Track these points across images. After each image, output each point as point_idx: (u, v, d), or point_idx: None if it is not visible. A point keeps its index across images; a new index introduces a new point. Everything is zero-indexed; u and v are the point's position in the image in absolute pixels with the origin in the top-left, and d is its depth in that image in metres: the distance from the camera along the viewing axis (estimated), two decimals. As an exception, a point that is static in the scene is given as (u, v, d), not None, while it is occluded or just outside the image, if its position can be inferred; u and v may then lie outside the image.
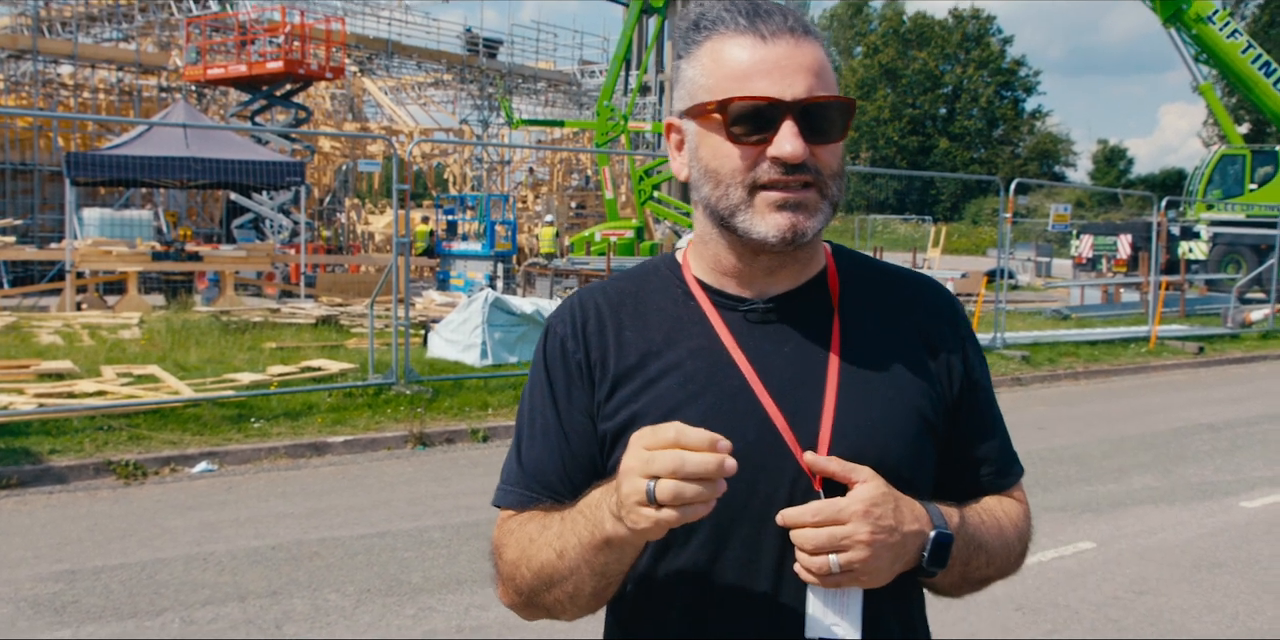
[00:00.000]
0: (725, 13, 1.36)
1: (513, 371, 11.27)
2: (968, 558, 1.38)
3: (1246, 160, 29.96)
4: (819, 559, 1.25)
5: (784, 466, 1.33)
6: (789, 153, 1.29)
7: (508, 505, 1.46)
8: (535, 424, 1.46)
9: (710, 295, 1.44)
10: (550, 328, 1.49)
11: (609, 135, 28.98)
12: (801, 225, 1.32)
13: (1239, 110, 48.45)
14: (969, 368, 1.50)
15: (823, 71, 1.33)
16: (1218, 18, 28.00)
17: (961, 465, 1.50)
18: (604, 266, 21.43)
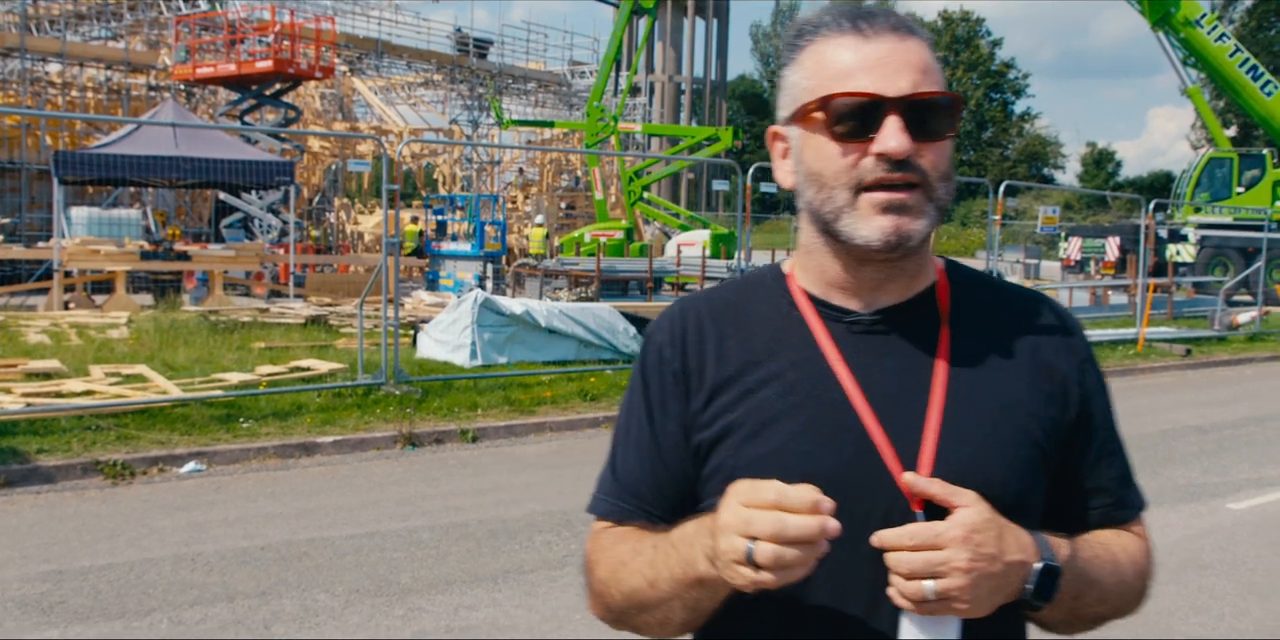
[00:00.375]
0: (828, 16, 1.34)
1: (502, 372, 11.27)
2: (1078, 593, 1.31)
3: (1234, 163, 30.09)
4: (914, 584, 1.19)
5: (882, 486, 1.27)
6: (894, 148, 1.25)
7: (601, 515, 1.44)
8: (630, 434, 1.43)
9: (815, 306, 1.39)
10: (650, 336, 1.46)
11: (599, 136, 29.01)
12: (906, 228, 1.27)
13: (1227, 114, 48.68)
14: (1087, 392, 1.43)
15: (928, 69, 1.30)
16: (1206, 21, 28.12)
17: (1075, 495, 1.43)
18: (594, 267, 21.45)
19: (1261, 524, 7.31)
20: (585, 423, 10.06)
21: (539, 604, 5.37)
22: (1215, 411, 11.80)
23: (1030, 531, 1.26)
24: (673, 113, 57.67)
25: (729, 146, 28.63)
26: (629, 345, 12.47)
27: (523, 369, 11.52)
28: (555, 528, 6.67)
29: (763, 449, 1.31)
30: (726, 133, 28.89)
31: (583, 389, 10.95)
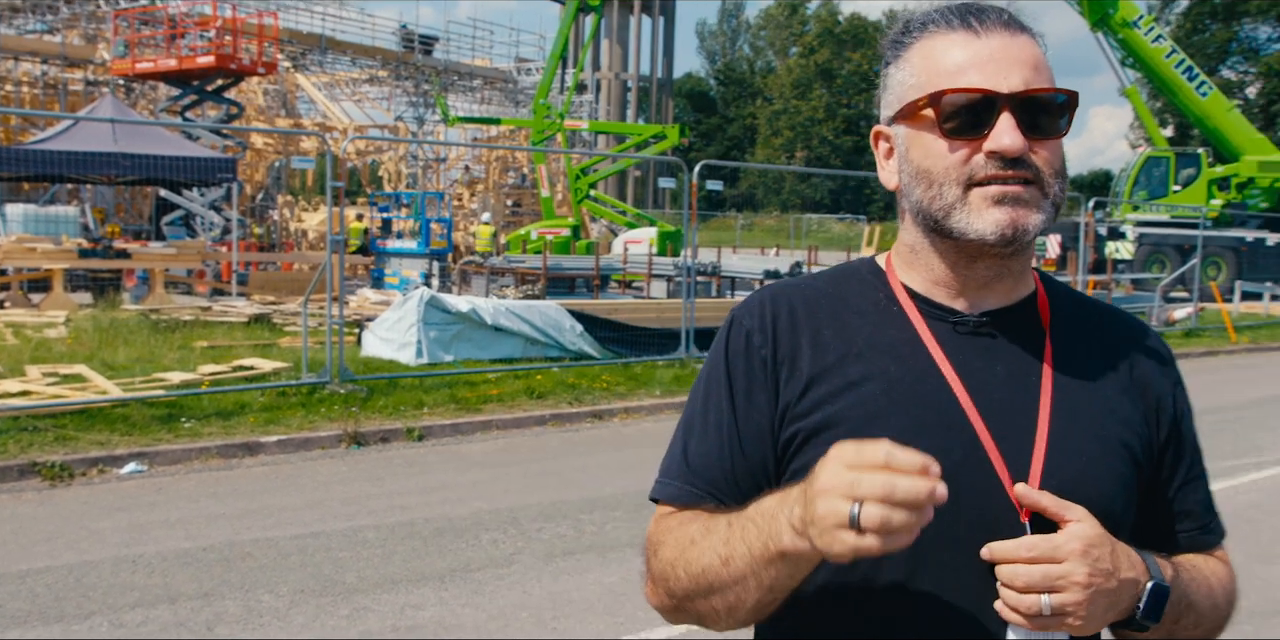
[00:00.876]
0: (936, 13, 1.31)
1: (448, 370, 11.22)
2: (1178, 615, 1.29)
3: (1170, 162, 30.65)
4: (1030, 598, 1.16)
5: (990, 492, 1.24)
6: (1008, 145, 1.23)
7: (667, 499, 1.36)
8: (709, 418, 1.36)
9: (918, 303, 1.36)
10: (736, 319, 1.40)
11: (545, 133, 28.95)
12: (1022, 221, 1.25)
13: (1164, 114, 49.50)
14: (1179, 413, 1.41)
15: (1040, 65, 1.27)
16: (1143, 23, 28.61)
17: (1162, 516, 1.42)
18: (540, 265, 21.40)
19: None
20: (532, 421, 10.04)
21: (486, 602, 5.35)
22: (1153, 406, 11.99)
23: (1138, 550, 1.25)
24: (619, 110, 57.70)
25: (676, 144, 28.70)
26: (576, 343, 12.46)
27: (469, 367, 11.48)
28: (502, 526, 6.66)
29: None
30: (673, 130, 28.94)
31: (529, 387, 10.93)
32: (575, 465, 8.47)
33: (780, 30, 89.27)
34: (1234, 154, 30.04)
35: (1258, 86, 59.07)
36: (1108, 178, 59.13)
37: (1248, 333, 20.32)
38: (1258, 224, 29.46)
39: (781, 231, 56.20)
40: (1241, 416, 11.70)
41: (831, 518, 1.05)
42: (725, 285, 22.91)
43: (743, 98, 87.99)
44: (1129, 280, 26.22)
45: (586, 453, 8.96)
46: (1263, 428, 11.06)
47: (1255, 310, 24.22)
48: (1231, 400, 12.85)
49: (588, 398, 10.87)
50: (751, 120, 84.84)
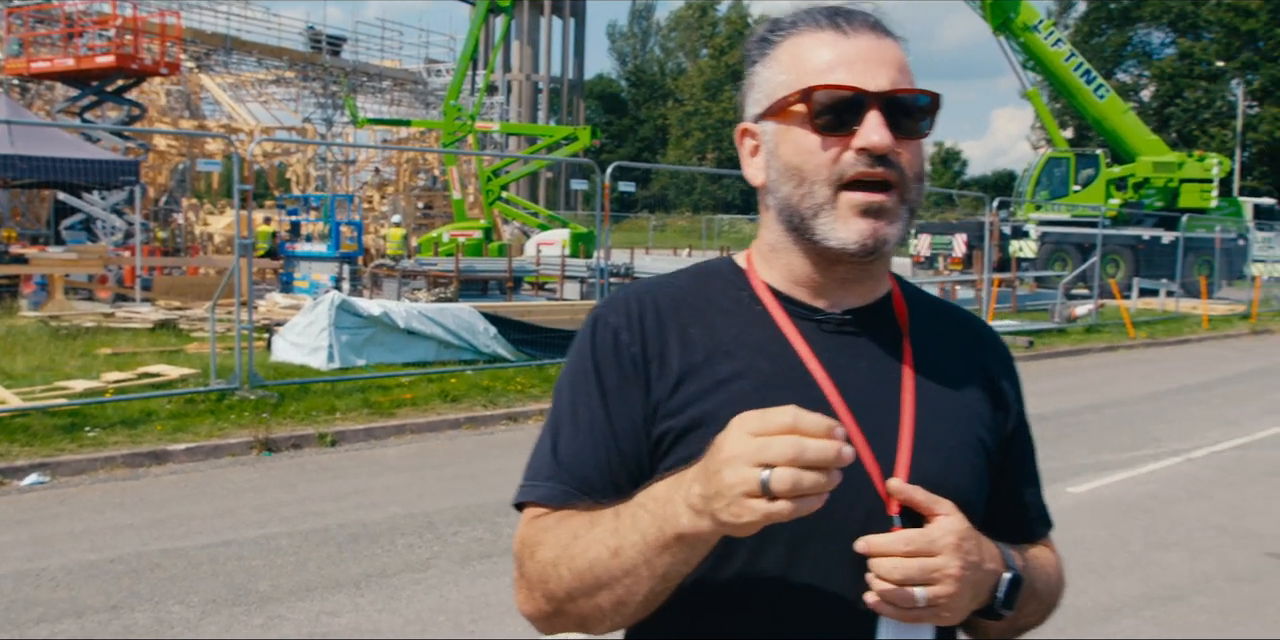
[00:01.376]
0: (804, 13, 1.33)
1: (360, 374, 11.10)
2: (1024, 603, 1.32)
3: (1071, 163, 31.44)
4: (905, 591, 1.17)
5: (860, 488, 1.24)
6: (876, 142, 1.24)
7: (539, 500, 1.31)
8: (579, 416, 1.33)
9: (781, 301, 1.36)
10: (600, 317, 1.38)
11: (456, 135, 28.76)
12: (883, 231, 1.27)
13: (1064, 115, 50.76)
14: (1018, 409, 1.47)
15: (905, 68, 1.30)
16: (1043, 27, 29.30)
17: (1005, 507, 1.45)
18: (453, 268, 21.27)
19: (1098, 506, 7.68)
20: (446, 424, 9.98)
21: (403, 607, 5.32)
22: (1056, 400, 12.32)
23: (993, 541, 1.28)
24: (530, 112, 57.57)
25: (587, 146, 28.71)
26: (489, 345, 12.41)
27: (382, 371, 11.38)
28: (418, 530, 6.62)
29: None
30: (585, 132, 28.94)
31: (443, 390, 10.86)
32: (491, 468, 8.45)
33: (690, 32, 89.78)
34: (1130, 155, 30.90)
35: (1151, 89, 60.94)
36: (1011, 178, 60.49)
37: (1145, 328, 20.92)
38: (1153, 222, 30.33)
39: (693, 232, 56.54)
40: (1139, 409, 12.06)
41: (741, 486, 1.03)
42: (638, 286, 22.97)
43: (654, 99, 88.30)
44: (1032, 278, 26.84)
45: (502, 455, 8.94)
46: (1159, 420, 11.41)
47: (1152, 306, 24.95)
48: (1130, 394, 13.25)
49: (502, 400, 10.84)
50: (663, 121, 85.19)
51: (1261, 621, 5.44)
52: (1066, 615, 5.32)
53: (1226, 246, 28.90)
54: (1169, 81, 58.38)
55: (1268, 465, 9.28)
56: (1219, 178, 30.74)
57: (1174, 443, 10.13)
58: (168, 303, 17.76)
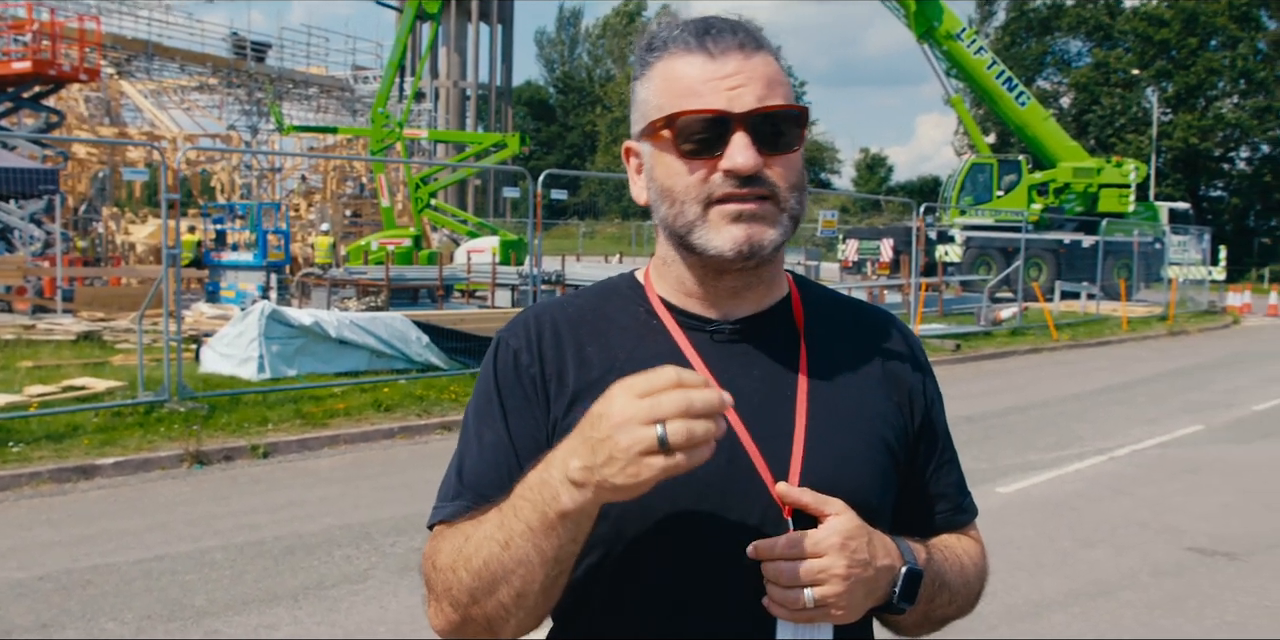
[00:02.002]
0: (676, 31, 1.33)
1: (292, 385, 10.98)
2: (932, 595, 1.35)
3: (994, 169, 32.07)
4: (793, 593, 1.20)
5: (754, 494, 1.28)
6: (741, 164, 1.26)
7: (443, 519, 1.35)
8: (482, 438, 1.37)
9: (675, 315, 1.39)
10: (502, 341, 1.42)
11: (384, 142, 28.57)
12: (758, 237, 1.28)
13: (986, 122, 51.63)
14: (929, 401, 1.49)
15: (775, 82, 1.30)
16: (966, 35, 29.86)
17: (919, 501, 1.48)
18: (383, 276, 21.11)
19: (1026, 506, 7.85)
20: (380, 434, 9.92)
21: (342, 619, 5.29)
22: (983, 401, 12.56)
23: (892, 537, 1.31)
24: (458, 119, 57.29)
25: (517, 153, 28.67)
26: (422, 354, 12.35)
27: (313, 381, 11.27)
28: (355, 541, 6.58)
29: None
30: (514, 139, 28.90)
31: (376, 400, 10.79)
32: (426, 477, 8.40)
33: (618, 38, 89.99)
34: (1051, 161, 31.58)
35: (1070, 97, 62.23)
36: (936, 183, 61.39)
37: (1068, 330, 21.37)
38: (1074, 227, 31.02)
39: (623, 239, 56.68)
40: (1064, 410, 12.33)
41: (637, 445, 1.05)
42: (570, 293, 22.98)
43: (582, 106, 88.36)
44: (958, 282, 27.28)
45: (437, 465, 8.86)
46: (1083, 420, 11.68)
47: (1074, 308, 25.47)
48: (1054, 395, 13.54)
49: (436, 409, 10.80)
50: (591, 128, 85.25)
51: (1184, 614, 5.60)
52: (998, 612, 5.45)
53: (1144, 250, 29.60)
54: (1086, 89, 59.66)
55: (1186, 462, 9.55)
56: (1136, 183, 31.52)
57: (1097, 442, 10.38)
58: (90, 314, 17.43)
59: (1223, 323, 26.58)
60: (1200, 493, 8.43)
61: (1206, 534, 7.20)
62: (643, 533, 1.28)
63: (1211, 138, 56.98)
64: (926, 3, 29.04)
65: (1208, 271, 30.00)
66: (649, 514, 1.26)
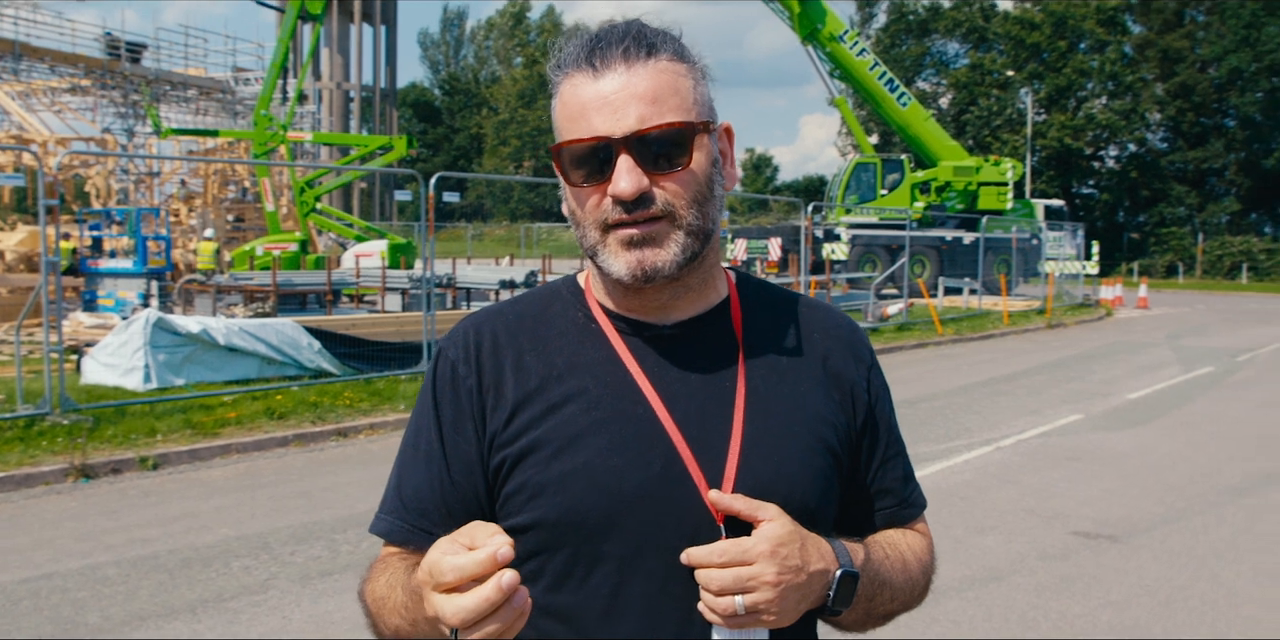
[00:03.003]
0: (571, 48, 1.32)
1: (180, 394, 10.72)
2: (872, 594, 1.36)
3: (878, 168, 32.73)
4: (725, 600, 1.21)
5: (689, 501, 1.29)
6: (623, 190, 1.25)
7: (381, 534, 1.40)
8: (419, 450, 1.40)
9: (613, 320, 1.40)
10: (442, 351, 1.43)
11: (268, 145, 28.00)
12: (650, 261, 1.28)
13: (869, 122, 52.68)
14: (873, 398, 1.48)
15: (661, 96, 1.27)
16: (848, 37, 30.42)
17: (863, 498, 1.48)
18: (270, 282, 20.70)
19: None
20: (274, 442, 9.74)
21: (243, 631, 5.20)
22: (874, 397, 12.80)
23: (828, 538, 1.31)
24: (342, 121, 56.49)
25: (404, 155, 28.36)
26: (314, 360, 12.17)
27: (203, 390, 11.01)
28: (253, 551, 6.46)
29: (570, 465, 1.30)
30: (401, 141, 28.57)
31: (269, 407, 10.59)
32: (324, 485, 8.30)
33: (505, 39, 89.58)
34: (932, 160, 32.35)
35: (949, 97, 63.84)
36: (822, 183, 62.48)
37: (952, 325, 21.93)
38: (955, 224, 31.85)
39: (512, 241, 56.46)
40: (951, 402, 12.67)
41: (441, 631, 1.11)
42: (461, 297, 22.84)
43: (468, 107, 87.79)
44: (845, 280, 27.79)
45: (334, 471, 8.79)
46: (970, 411, 12.01)
47: (957, 304, 26.16)
48: (942, 388, 13.89)
49: (331, 416, 10.65)
50: (478, 130, 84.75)
51: (1072, 595, 5.82)
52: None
53: (1022, 246, 30.56)
54: (964, 90, 61.28)
55: (1068, 450, 9.90)
56: (1013, 181, 32.47)
57: (984, 432, 10.69)
58: (-39, 325, 16.76)
59: (1097, 315, 27.56)
60: (1082, 479, 8.74)
61: (1089, 518, 7.48)
62: (579, 541, 1.30)
63: (1082, 137, 59.02)
64: (810, 5, 29.51)
65: (1082, 266, 31.05)
66: (585, 522, 1.28)
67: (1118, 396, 13.47)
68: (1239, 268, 53.23)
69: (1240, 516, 7.64)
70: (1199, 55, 58.81)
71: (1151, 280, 43.85)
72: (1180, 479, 8.80)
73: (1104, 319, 27.34)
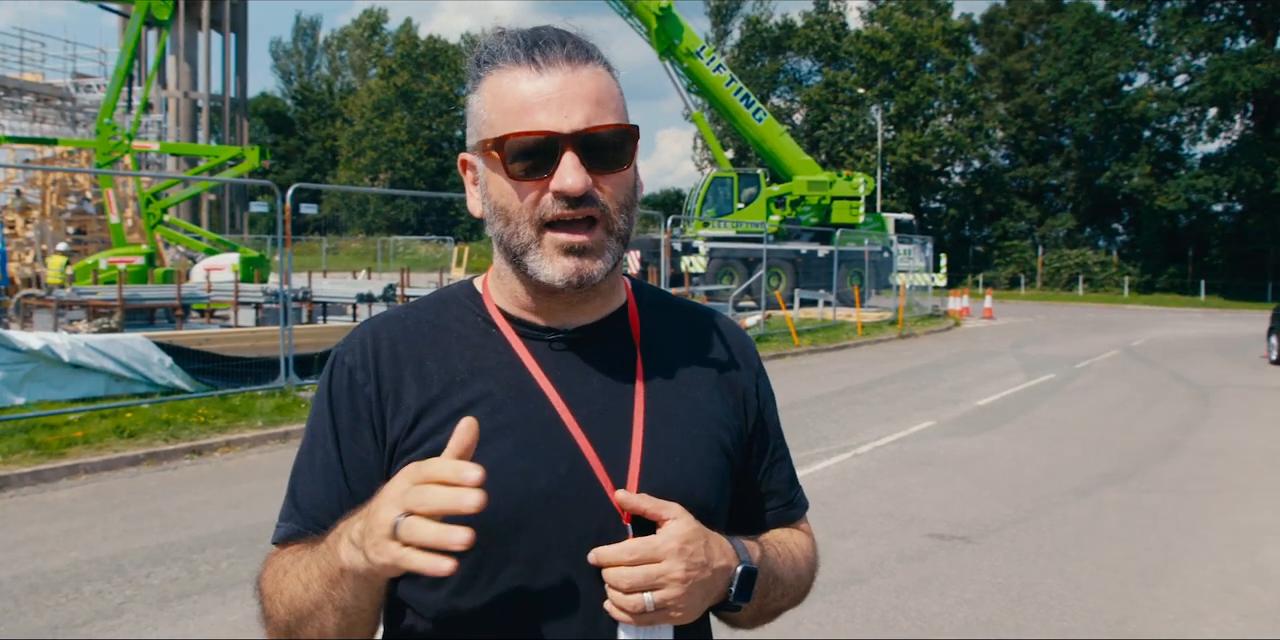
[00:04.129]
0: (505, 44, 1.32)
1: (21, 413, 10.24)
2: (766, 590, 1.40)
3: (734, 182, 33.26)
4: (634, 597, 1.23)
5: (596, 501, 1.31)
6: (570, 185, 1.26)
7: (277, 541, 1.39)
8: (315, 458, 1.39)
9: (513, 325, 1.40)
10: (338, 357, 1.41)
11: (111, 155, 27.00)
12: (587, 270, 1.30)
13: (726, 137, 53.55)
14: (761, 401, 1.52)
15: (603, 99, 1.30)
16: (705, 53, 30.88)
17: (753, 498, 1.52)
18: (115, 296, 19.97)
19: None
20: (124, 461, 9.39)
21: (98, 656, 5.02)
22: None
23: (727, 536, 1.35)
24: (189, 131, 54.82)
25: (256, 166, 27.69)
26: (165, 377, 11.78)
27: (46, 408, 10.56)
28: (106, 575, 6.23)
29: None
30: (253, 152, 27.90)
31: (118, 426, 10.21)
32: (179, 504, 8.04)
33: (361, 51, 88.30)
34: (787, 174, 33.03)
35: (802, 114, 65.39)
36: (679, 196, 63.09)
37: (808, 336, 22.39)
38: (810, 237, 32.56)
39: (368, 254, 55.52)
40: (810, 411, 12.95)
41: (381, 528, 1.10)
42: (318, 311, 22.40)
43: (322, 118, 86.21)
44: (703, 292, 28.12)
45: (189, 490, 8.52)
46: (827, 420, 12.30)
47: (812, 315, 26.72)
48: (800, 397, 14.17)
49: (184, 433, 10.32)
50: (332, 142, 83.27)
51: (929, 595, 6.02)
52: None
53: (874, 259, 31.42)
54: (817, 107, 62.85)
55: (922, 456, 10.22)
56: (865, 195, 33.38)
57: (842, 440, 10.96)
58: None
59: (945, 325, 28.51)
60: (936, 483, 9.05)
61: (944, 521, 7.74)
62: (486, 543, 1.28)
63: (930, 154, 61.14)
64: (667, 21, 29.88)
65: (931, 278, 32.09)
66: (492, 524, 1.28)
67: (967, 403, 13.97)
68: (1076, 280, 55.80)
69: (1082, 515, 8.02)
70: (1038, 77, 61.50)
71: (996, 291, 45.53)
72: (1027, 481, 9.18)
73: (952, 329, 28.30)
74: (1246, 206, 52.86)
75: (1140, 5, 54.54)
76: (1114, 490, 8.90)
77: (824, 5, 67.81)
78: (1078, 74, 54.96)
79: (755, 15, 70.90)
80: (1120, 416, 13.17)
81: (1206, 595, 6.15)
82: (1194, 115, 54.87)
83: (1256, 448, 11.15)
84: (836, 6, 67.86)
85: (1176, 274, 53.71)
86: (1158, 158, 55.09)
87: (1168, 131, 55.80)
